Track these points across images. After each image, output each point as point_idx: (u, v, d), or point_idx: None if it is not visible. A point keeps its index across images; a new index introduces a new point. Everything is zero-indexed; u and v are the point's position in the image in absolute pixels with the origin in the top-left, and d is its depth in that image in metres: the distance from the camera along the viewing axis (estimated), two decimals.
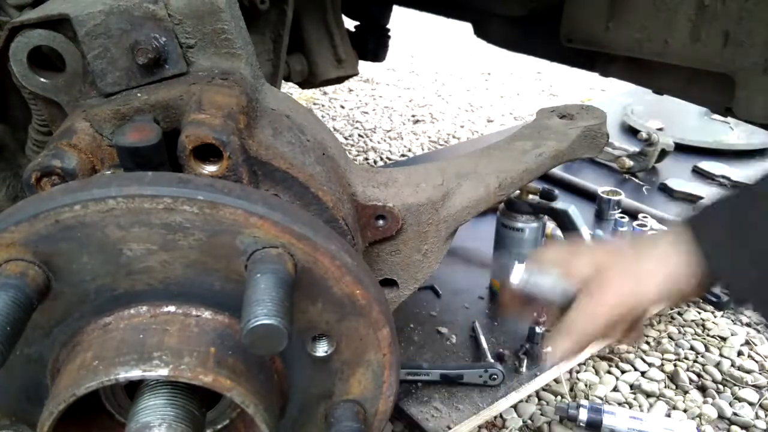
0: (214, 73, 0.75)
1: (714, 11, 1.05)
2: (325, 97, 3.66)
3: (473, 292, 1.67)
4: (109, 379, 0.56)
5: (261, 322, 0.51)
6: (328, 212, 0.76)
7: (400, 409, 1.31)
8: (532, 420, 1.40)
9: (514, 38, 1.55)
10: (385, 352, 0.68)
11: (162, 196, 0.57)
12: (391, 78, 4.07)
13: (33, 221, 0.56)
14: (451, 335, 1.51)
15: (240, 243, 0.59)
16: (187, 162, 0.66)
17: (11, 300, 0.52)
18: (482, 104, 3.65)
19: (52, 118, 0.78)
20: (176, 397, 0.60)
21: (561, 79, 4.08)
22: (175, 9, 0.72)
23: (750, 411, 1.44)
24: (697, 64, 1.11)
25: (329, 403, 0.71)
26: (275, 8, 1.21)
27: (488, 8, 1.48)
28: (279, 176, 0.72)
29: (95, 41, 0.71)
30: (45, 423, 0.57)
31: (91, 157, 0.70)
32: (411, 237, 0.91)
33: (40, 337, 0.62)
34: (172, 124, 0.72)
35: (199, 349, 0.59)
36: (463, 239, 1.01)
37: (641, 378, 1.54)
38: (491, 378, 1.35)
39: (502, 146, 1.06)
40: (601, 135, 1.08)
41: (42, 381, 0.64)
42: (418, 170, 0.96)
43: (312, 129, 0.83)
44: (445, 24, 2.74)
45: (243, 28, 0.79)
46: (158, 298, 0.62)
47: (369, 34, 1.80)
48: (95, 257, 0.58)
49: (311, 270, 0.61)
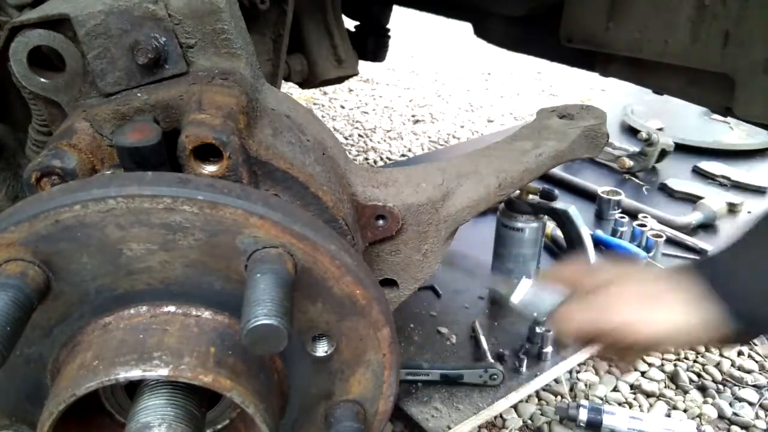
0: (214, 73, 0.75)
1: (714, 11, 1.05)
2: (325, 97, 3.66)
3: (473, 292, 1.67)
4: (109, 379, 0.56)
5: (261, 322, 0.51)
6: (328, 212, 0.76)
7: (400, 409, 1.31)
8: (532, 420, 1.40)
9: (514, 38, 1.55)
10: (385, 352, 0.68)
11: (162, 196, 0.57)
12: (391, 78, 4.07)
13: (33, 221, 0.56)
14: (451, 335, 1.51)
15: (240, 243, 0.59)
16: (187, 162, 0.66)
17: (11, 300, 0.52)
18: (482, 104, 3.65)
19: (52, 118, 0.78)
20: (176, 397, 0.60)
21: (561, 79, 4.08)
22: (175, 9, 0.72)
23: (750, 411, 1.44)
24: (697, 64, 1.11)
25: (329, 403, 0.71)
26: (275, 8, 1.21)
27: (488, 8, 1.48)
28: (279, 176, 0.72)
29: (95, 41, 0.71)
30: (45, 423, 0.57)
31: (91, 157, 0.70)
32: (411, 237, 0.91)
33: (40, 337, 0.62)
34: (172, 124, 0.72)
35: (199, 349, 0.59)
36: (463, 239, 1.01)
37: (641, 378, 1.54)
38: (491, 378, 1.35)
39: (502, 146, 1.06)
40: (601, 135, 1.08)
41: (42, 381, 0.64)
42: (418, 170, 0.96)
43: (312, 129, 0.83)
44: (445, 24, 2.74)
45: (243, 28, 0.79)
46: (158, 298, 0.62)
47: (369, 34, 1.80)
48: (95, 257, 0.58)
49: (311, 270, 0.61)
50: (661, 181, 2.25)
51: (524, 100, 3.77)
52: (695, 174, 2.35)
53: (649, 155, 2.29)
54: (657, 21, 1.13)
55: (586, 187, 2.16)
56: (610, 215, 1.99)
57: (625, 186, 2.21)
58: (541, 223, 1.58)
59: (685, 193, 2.17)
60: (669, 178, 2.25)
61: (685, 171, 2.36)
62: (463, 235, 1.06)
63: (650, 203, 2.09)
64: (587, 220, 1.74)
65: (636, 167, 2.31)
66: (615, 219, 1.92)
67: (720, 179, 2.29)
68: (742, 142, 2.53)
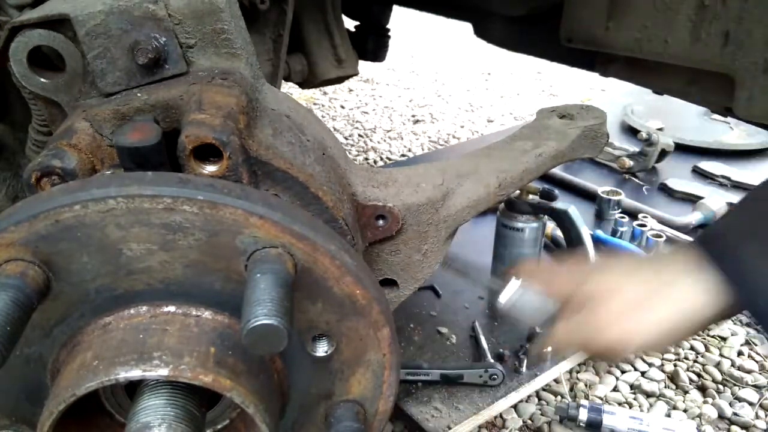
0: (214, 73, 0.75)
1: (714, 11, 1.05)
2: (325, 97, 3.66)
3: (473, 292, 1.67)
4: (109, 379, 0.56)
5: (261, 322, 0.51)
6: (328, 212, 0.76)
7: (400, 409, 1.31)
8: (532, 420, 1.40)
9: (514, 38, 1.55)
10: (385, 352, 0.68)
11: (162, 196, 0.57)
12: (391, 78, 4.07)
13: (33, 221, 0.56)
14: (451, 335, 1.51)
15: (240, 243, 0.59)
16: (187, 162, 0.66)
17: (11, 300, 0.51)
18: (482, 104, 3.65)
19: (52, 118, 0.78)
20: (176, 397, 0.60)
21: (561, 79, 4.08)
22: (175, 9, 0.72)
23: (750, 411, 1.44)
24: (697, 64, 1.11)
25: (329, 403, 0.71)
26: (275, 8, 1.21)
27: (488, 8, 1.48)
28: (279, 176, 0.72)
29: (95, 41, 0.71)
30: (45, 423, 0.57)
31: (91, 157, 0.70)
32: (411, 237, 0.91)
33: (40, 337, 0.62)
34: (172, 124, 0.72)
35: (199, 349, 0.59)
36: (463, 239, 1.01)
37: (641, 378, 1.54)
38: (491, 378, 1.35)
39: (502, 146, 1.06)
40: (601, 135, 1.08)
41: (42, 381, 0.64)
42: (418, 170, 0.96)
43: (312, 129, 0.83)
44: (445, 24, 2.74)
45: (243, 28, 0.79)
46: (158, 298, 0.62)
47: (369, 34, 1.80)
48: (95, 257, 0.58)
49: (311, 270, 0.61)
50: (661, 181, 2.25)
51: (524, 100, 3.77)
52: (695, 174, 2.35)
53: (649, 155, 2.29)
54: (657, 21, 1.13)
55: (586, 187, 2.16)
56: (610, 215, 1.99)
57: (625, 186, 2.21)
58: (541, 223, 1.58)
59: (685, 193, 2.17)
60: (669, 178, 2.25)
61: (685, 171, 2.36)
62: (463, 235, 1.06)
63: (650, 203, 2.09)
64: (587, 220, 1.73)
65: (636, 167, 2.31)
66: (615, 219, 1.92)
67: (720, 179, 2.29)
68: (742, 142, 2.53)
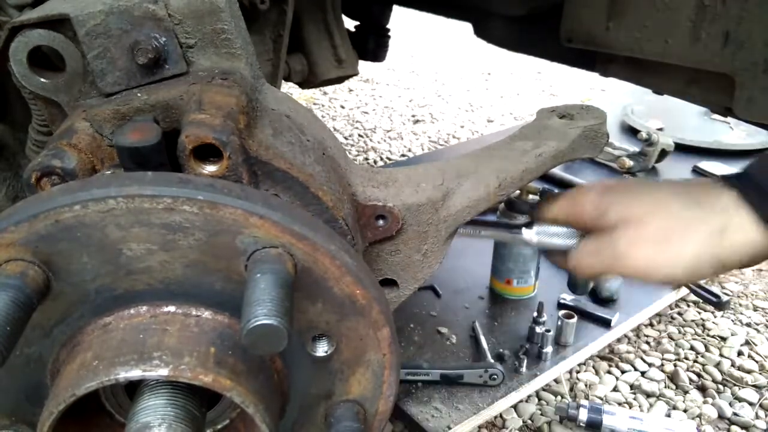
0: (214, 73, 0.75)
1: (714, 11, 1.05)
2: (325, 97, 3.66)
3: (473, 292, 1.67)
4: (109, 379, 0.56)
5: (261, 322, 0.51)
6: (328, 212, 0.76)
7: (400, 409, 1.31)
8: (532, 420, 1.40)
9: (514, 38, 1.55)
10: (385, 352, 0.68)
11: (162, 196, 0.57)
12: (391, 78, 4.07)
13: (33, 221, 0.56)
14: (451, 335, 1.51)
15: (240, 243, 0.59)
16: (187, 162, 0.66)
17: (11, 300, 0.51)
18: (482, 104, 3.65)
19: (52, 118, 0.78)
20: (176, 397, 0.60)
21: (561, 79, 4.08)
22: (175, 9, 0.72)
23: (750, 411, 1.44)
24: (697, 64, 1.11)
25: (329, 403, 0.71)
26: (275, 8, 1.21)
27: (488, 8, 1.48)
28: (279, 176, 0.72)
29: (95, 41, 0.71)
30: (45, 423, 0.57)
31: (91, 157, 0.70)
32: (411, 237, 0.91)
33: (40, 337, 0.62)
34: (172, 124, 0.72)
35: (199, 349, 0.59)
36: (463, 239, 1.01)
37: (641, 378, 1.54)
38: (491, 378, 1.35)
39: (502, 146, 1.05)
40: (601, 135, 1.08)
41: (42, 381, 0.64)
42: (418, 170, 0.96)
43: (312, 129, 0.83)
44: (445, 24, 2.74)
45: (243, 28, 0.79)
46: (158, 298, 0.62)
47: (369, 34, 1.80)
48: (95, 257, 0.58)
49: (311, 270, 0.61)
50: None
51: (524, 100, 3.77)
52: (695, 174, 2.35)
53: (649, 155, 2.29)
54: (657, 21, 1.13)
55: None
56: None
57: None
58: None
59: None
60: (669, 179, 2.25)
61: (685, 171, 2.36)
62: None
63: None
64: None
65: (636, 167, 2.31)
66: None
67: None
68: (742, 142, 2.53)
